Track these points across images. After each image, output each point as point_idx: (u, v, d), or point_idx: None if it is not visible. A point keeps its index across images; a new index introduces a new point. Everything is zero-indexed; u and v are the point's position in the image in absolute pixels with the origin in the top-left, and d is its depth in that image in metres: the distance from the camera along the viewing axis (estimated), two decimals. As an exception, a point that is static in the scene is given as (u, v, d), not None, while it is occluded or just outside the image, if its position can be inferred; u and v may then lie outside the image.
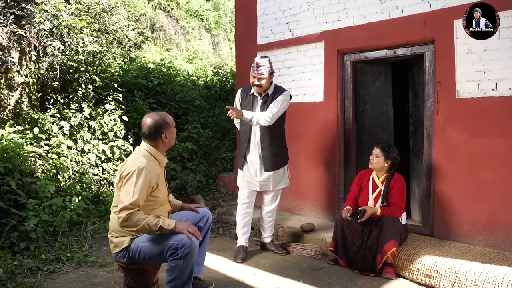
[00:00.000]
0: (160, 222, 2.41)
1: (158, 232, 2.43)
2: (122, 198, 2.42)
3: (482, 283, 2.77)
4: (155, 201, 2.59)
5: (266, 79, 3.54)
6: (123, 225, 2.40)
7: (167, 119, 2.68)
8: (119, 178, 2.53)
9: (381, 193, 3.49)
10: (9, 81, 4.99)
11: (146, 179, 2.46)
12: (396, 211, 3.38)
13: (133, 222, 2.38)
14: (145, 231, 2.44)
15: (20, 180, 4.15)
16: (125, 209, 2.38)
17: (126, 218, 2.37)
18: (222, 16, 12.51)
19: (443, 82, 3.66)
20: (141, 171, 2.46)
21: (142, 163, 2.49)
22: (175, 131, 2.76)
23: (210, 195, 5.87)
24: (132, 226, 2.40)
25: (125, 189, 2.44)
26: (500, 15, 3.30)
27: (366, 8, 4.15)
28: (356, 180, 3.72)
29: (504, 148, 3.34)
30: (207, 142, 6.91)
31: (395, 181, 3.48)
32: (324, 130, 4.53)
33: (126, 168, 2.50)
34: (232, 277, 3.34)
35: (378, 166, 3.51)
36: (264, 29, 5.11)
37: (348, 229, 3.45)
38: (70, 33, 5.33)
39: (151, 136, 2.63)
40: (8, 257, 3.43)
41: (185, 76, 8.61)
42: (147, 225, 2.39)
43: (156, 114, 2.68)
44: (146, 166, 2.49)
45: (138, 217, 2.38)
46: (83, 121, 5.38)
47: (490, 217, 3.43)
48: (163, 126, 2.64)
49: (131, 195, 2.40)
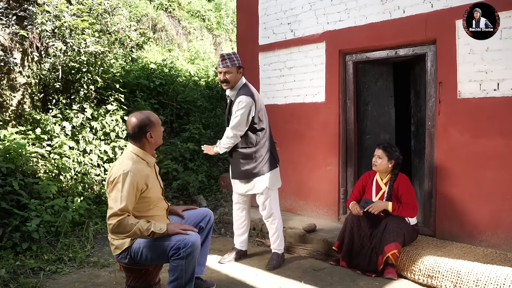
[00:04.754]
0: (152, 227, 2.39)
1: (150, 237, 2.41)
2: (111, 205, 2.38)
3: (484, 283, 2.77)
4: (147, 202, 2.56)
5: (232, 73, 3.36)
6: (113, 231, 2.37)
7: (151, 118, 2.60)
8: (107, 184, 2.50)
9: (385, 195, 3.48)
10: (11, 81, 5.00)
11: (133, 183, 2.41)
12: (410, 209, 3.34)
13: (123, 228, 2.35)
14: (137, 236, 2.42)
15: (23, 180, 4.17)
16: (114, 215, 2.35)
17: (116, 224, 2.34)
18: (224, 17, 12.52)
19: (444, 82, 3.65)
20: (126, 175, 2.41)
21: (127, 167, 2.44)
22: (161, 130, 2.69)
23: (212, 195, 5.87)
24: (123, 233, 2.37)
25: (113, 195, 2.40)
26: (502, 15, 3.30)
27: (368, 8, 4.14)
28: (359, 181, 3.72)
29: (506, 148, 3.34)
30: (209, 143, 6.90)
31: (399, 182, 3.46)
32: (325, 130, 4.53)
33: (113, 173, 2.46)
34: (233, 277, 3.34)
35: (382, 167, 3.50)
36: (266, 30, 5.11)
37: (358, 232, 3.42)
38: (72, 34, 5.34)
39: (135, 136, 2.57)
40: (11, 257, 3.44)
41: (187, 77, 8.61)
42: (138, 231, 2.36)
43: (140, 113, 2.61)
44: (132, 170, 2.43)
45: (128, 222, 2.35)
46: (85, 122, 5.40)
47: (492, 217, 3.42)
48: (148, 125, 2.57)
49: (119, 201, 2.36)
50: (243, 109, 3.30)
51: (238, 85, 3.44)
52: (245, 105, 3.30)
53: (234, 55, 3.41)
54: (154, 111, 6.42)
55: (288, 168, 4.69)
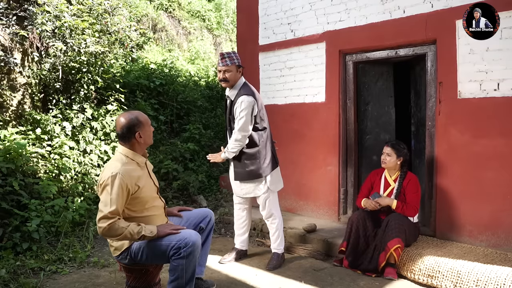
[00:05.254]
0: (142, 231, 2.39)
1: (141, 240, 2.41)
2: (101, 207, 2.36)
3: (484, 283, 2.77)
4: (140, 202, 2.52)
5: (232, 72, 3.36)
6: (104, 234, 2.35)
7: (140, 117, 2.56)
8: (97, 186, 2.49)
9: (394, 192, 3.52)
10: (11, 82, 5.00)
11: (121, 185, 2.37)
12: (411, 209, 3.40)
13: (114, 232, 2.33)
14: (128, 239, 2.41)
15: (23, 180, 4.17)
16: (104, 219, 2.33)
17: (107, 228, 2.32)
18: (224, 17, 12.52)
19: (445, 82, 3.65)
20: (115, 177, 2.37)
21: (115, 169, 2.40)
22: (151, 129, 2.64)
23: (212, 195, 5.87)
24: (113, 236, 2.35)
25: (103, 198, 2.38)
26: (502, 15, 3.30)
27: (368, 8, 4.14)
28: (367, 179, 3.77)
29: (506, 148, 3.34)
30: (209, 143, 6.91)
31: (409, 180, 3.51)
32: (325, 130, 4.53)
33: (102, 176, 2.45)
34: (234, 277, 3.34)
35: (391, 164, 3.54)
36: (266, 30, 5.11)
37: (364, 231, 3.44)
38: (72, 34, 5.34)
39: (124, 137, 2.54)
40: (11, 258, 3.44)
41: (187, 77, 8.61)
42: (129, 234, 2.35)
43: (129, 113, 2.57)
44: (120, 171, 2.39)
45: (119, 226, 2.34)
46: (85, 122, 5.40)
47: (492, 217, 3.42)
48: (136, 125, 2.53)
49: (109, 204, 2.34)
50: (246, 109, 3.29)
51: (237, 84, 3.44)
52: (248, 104, 3.30)
53: (234, 54, 3.42)
54: (154, 111, 6.46)
55: (288, 168, 4.69)
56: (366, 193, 3.70)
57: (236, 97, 3.38)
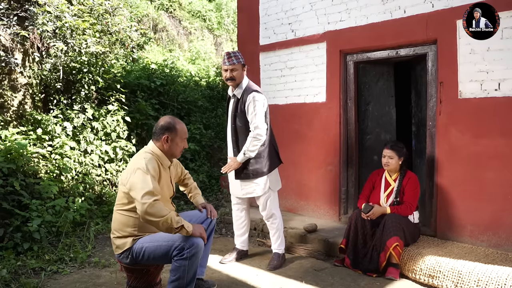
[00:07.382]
0: (182, 222, 2.36)
1: (175, 231, 2.35)
2: (141, 185, 2.30)
3: (485, 283, 2.77)
4: None
5: (238, 70, 3.41)
6: (146, 212, 2.25)
7: (177, 126, 2.64)
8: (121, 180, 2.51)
9: (394, 191, 3.53)
10: (12, 82, 5.01)
11: (155, 169, 2.46)
12: (406, 209, 3.41)
13: (158, 211, 2.27)
14: (164, 225, 2.30)
15: (24, 180, 4.17)
16: (149, 194, 2.28)
17: (152, 203, 2.25)
18: (225, 17, 12.52)
19: (445, 82, 3.65)
20: (149, 161, 2.47)
21: (146, 157, 2.51)
22: (183, 144, 2.69)
23: (213, 195, 5.88)
24: (156, 214, 2.27)
25: (141, 178, 2.36)
26: (503, 15, 3.30)
27: (369, 8, 4.14)
28: (369, 180, 3.78)
29: (507, 148, 3.34)
30: (210, 143, 6.92)
31: (408, 179, 3.52)
32: (326, 130, 4.53)
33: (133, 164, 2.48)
34: (234, 277, 3.34)
35: (394, 166, 3.56)
36: (267, 30, 5.11)
37: (362, 229, 3.46)
38: (73, 34, 5.35)
39: (155, 133, 2.64)
40: (12, 258, 3.45)
41: (188, 77, 8.62)
42: (169, 219, 2.29)
43: (173, 118, 2.68)
44: (149, 161, 2.49)
45: (163, 206, 2.30)
46: (86, 122, 5.40)
47: (493, 217, 3.42)
48: (168, 129, 2.61)
49: (150, 182, 2.34)
50: (260, 105, 3.36)
51: (243, 83, 3.48)
52: (261, 101, 3.38)
53: (239, 53, 3.49)
54: (155, 111, 6.46)
55: (289, 168, 4.69)
56: (367, 193, 3.71)
57: (244, 95, 3.43)
